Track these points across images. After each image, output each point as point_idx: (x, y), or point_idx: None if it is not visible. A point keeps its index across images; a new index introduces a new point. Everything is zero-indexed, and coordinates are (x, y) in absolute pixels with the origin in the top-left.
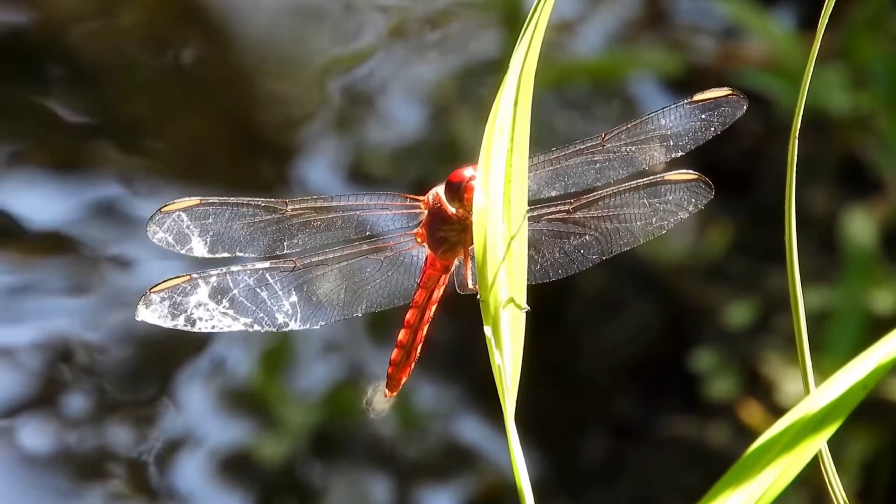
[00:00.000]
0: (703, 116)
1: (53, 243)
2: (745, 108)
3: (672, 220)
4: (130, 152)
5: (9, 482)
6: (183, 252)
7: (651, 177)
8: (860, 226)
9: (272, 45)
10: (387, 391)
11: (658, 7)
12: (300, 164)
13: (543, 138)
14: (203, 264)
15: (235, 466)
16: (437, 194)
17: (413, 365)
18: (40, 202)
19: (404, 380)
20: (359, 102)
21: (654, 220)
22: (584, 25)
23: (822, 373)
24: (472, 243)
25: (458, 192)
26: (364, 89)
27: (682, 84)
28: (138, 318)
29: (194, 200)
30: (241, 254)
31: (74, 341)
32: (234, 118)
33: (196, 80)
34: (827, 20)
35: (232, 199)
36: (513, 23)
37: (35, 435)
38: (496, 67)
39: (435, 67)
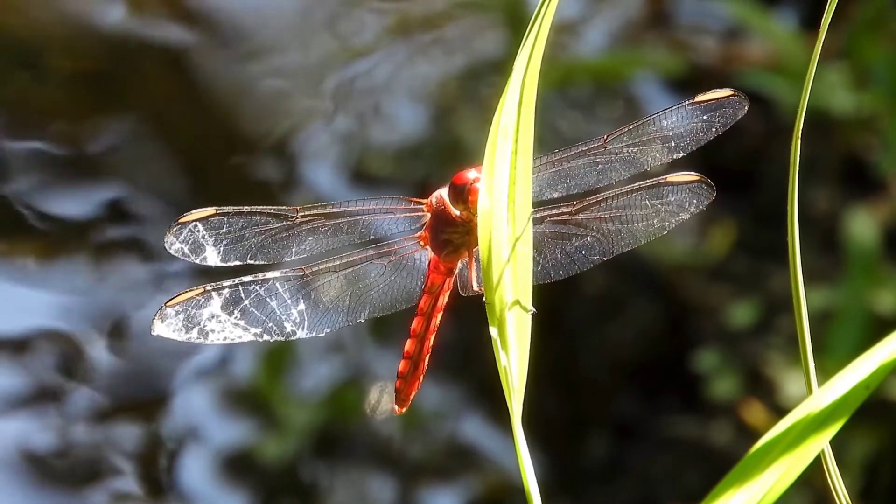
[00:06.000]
0: (705, 117)
1: (56, 243)
2: (746, 108)
3: (673, 220)
4: (130, 152)
5: (9, 482)
6: (197, 261)
7: (653, 178)
8: (862, 226)
9: (274, 45)
10: (396, 407)
11: (660, 7)
12: (302, 165)
13: (547, 138)
14: (202, 269)
15: (238, 467)
16: (441, 197)
17: (422, 378)
18: (41, 202)
19: (413, 394)
20: (362, 102)
21: (655, 220)
22: (587, 26)
23: (825, 373)
24: (476, 245)
25: (462, 194)
26: (367, 89)
27: (685, 84)
28: (154, 333)
29: (209, 211)
30: (252, 261)
31: (77, 341)
32: (234, 119)
33: (196, 79)
34: (829, 20)
35: (246, 209)
36: (516, 22)
37: (37, 434)
38: (500, 67)
39: (438, 67)
